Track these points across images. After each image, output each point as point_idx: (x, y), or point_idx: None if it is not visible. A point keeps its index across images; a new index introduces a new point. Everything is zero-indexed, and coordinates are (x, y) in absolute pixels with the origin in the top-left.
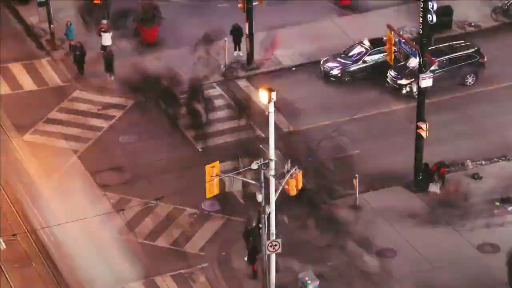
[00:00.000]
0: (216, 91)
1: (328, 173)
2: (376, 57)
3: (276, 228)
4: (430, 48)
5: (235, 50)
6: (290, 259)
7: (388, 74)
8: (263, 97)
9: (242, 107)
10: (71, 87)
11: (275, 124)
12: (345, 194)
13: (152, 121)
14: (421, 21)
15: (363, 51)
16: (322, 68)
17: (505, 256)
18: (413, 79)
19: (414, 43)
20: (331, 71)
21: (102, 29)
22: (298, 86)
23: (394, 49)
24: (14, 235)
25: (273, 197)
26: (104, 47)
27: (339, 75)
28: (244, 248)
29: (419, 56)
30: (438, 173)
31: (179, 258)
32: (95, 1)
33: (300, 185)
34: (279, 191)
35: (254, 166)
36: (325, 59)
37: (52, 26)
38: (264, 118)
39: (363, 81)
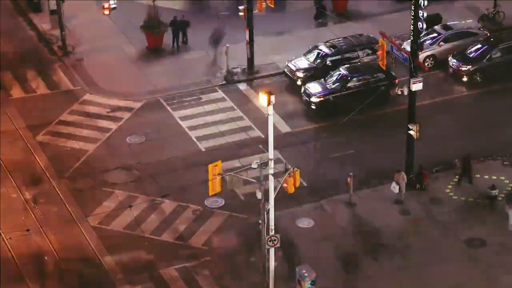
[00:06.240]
0: (218, 94)
1: None
2: None
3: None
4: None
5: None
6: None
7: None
8: (262, 99)
9: None
10: (81, 91)
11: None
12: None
13: (157, 122)
14: (412, 28)
15: None
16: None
17: None
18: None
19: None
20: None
21: None
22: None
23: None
24: (27, 230)
25: (272, 195)
26: None
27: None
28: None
29: (410, 61)
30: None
31: (184, 252)
32: (103, 10)
33: (297, 183)
34: (278, 188)
35: (254, 165)
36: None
37: (63, 32)
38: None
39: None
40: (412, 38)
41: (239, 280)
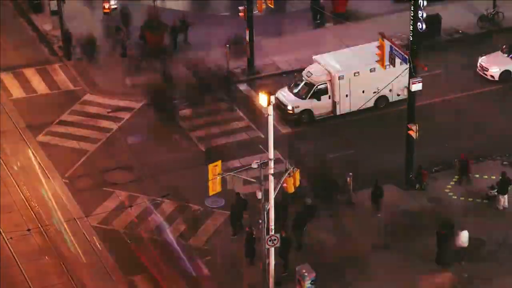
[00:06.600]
0: (218, 94)
1: None
2: None
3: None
4: None
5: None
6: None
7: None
8: (262, 100)
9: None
10: (82, 91)
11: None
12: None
13: (157, 123)
14: (411, 29)
15: None
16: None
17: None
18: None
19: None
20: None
21: None
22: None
23: None
24: (28, 230)
25: (272, 195)
26: None
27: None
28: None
29: (409, 62)
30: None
31: (184, 251)
32: (104, 10)
33: (297, 183)
34: (278, 188)
35: (254, 165)
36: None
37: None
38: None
39: None
40: (411, 39)
41: (239, 280)
